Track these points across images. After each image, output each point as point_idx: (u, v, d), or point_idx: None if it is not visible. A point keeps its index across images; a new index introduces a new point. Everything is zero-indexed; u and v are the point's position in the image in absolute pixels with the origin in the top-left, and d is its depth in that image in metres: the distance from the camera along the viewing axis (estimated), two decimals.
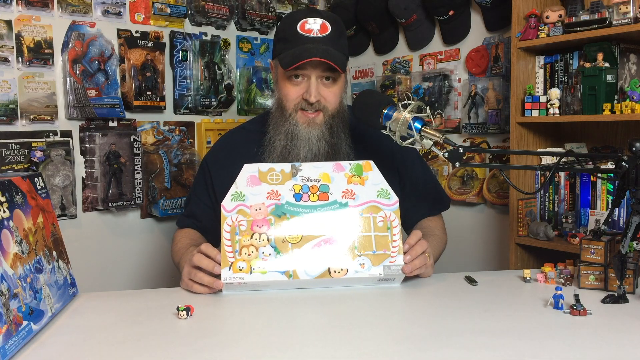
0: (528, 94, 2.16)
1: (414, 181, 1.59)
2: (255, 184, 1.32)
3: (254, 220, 1.29)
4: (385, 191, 1.34)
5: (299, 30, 1.43)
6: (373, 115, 1.34)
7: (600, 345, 0.97)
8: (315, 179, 1.34)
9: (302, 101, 1.46)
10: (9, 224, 1.00)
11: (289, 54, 1.43)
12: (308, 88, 1.44)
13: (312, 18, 1.44)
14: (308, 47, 1.41)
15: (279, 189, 1.32)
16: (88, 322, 1.12)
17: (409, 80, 2.83)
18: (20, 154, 2.21)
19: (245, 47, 2.90)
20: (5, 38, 2.16)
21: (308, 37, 1.43)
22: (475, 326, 1.06)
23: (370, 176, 1.35)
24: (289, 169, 1.34)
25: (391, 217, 1.32)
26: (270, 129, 1.53)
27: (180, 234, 1.60)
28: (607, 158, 1.55)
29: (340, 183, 1.34)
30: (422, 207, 1.61)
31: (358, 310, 1.17)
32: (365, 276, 1.27)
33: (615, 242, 1.29)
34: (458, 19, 2.59)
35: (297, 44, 1.42)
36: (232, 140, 1.66)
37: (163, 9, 2.53)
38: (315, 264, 1.27)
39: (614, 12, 1.88)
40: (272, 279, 1.26)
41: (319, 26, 1.44)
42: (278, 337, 1.02)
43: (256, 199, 1.31)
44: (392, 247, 1.30)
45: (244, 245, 1.27)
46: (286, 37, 1.46)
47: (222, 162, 1.59)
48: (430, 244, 1.47)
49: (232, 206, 1.30)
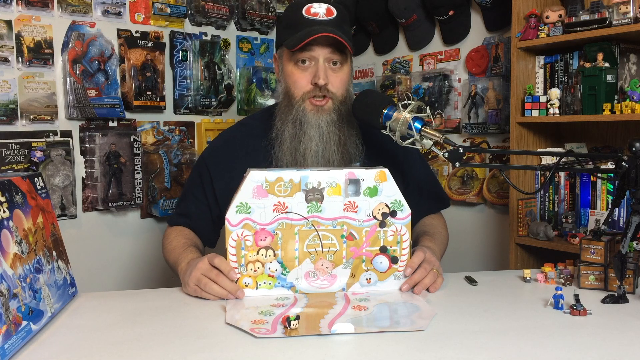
0: (528, 94, 2.16)
1: (417, 179, 1.59)
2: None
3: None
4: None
5: (304, 14, 1.41)
6: (373, 115, 1.34)
7: (600, 345, 0.97)
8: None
9: (311, 89, 1.44)
10: (8, 224, 1.00)
11: (295, 37, 1.41)
12: (316, 72, 1.42)
13: (317, 3, 1.43)
14: (315, 28, 1.39)
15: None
16: (88, 322, 1.11)
17: (409, 80, 2.83)
18: (20, 154, 2.21)
19: (245, 47, 2.90)
20: (5, 38, 2.17)
21: (314, 20, 1.41)
22: (475, 326, 1.06)
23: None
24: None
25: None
26: (277, 120, 1.49)
27: (173, 232, 1.55)
28: (607, 158, 1.55)
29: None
30: (424, 205, 1.61)
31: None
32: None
33: (615, 242, 1.29)
34: (458, 19, 2.59)
35: (303, 27, 1.41)
36: (232, 137, 1.60)
37: (163, 9, 2.53)
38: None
39: (614, 12, 1.88)
40: (278, 294, 1.25)
41: (324, 10, 1.43)
42: (279, 337, 1.02)
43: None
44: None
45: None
46: (291, 24, 1.44)
47: (222, 160, 1.55)
48: (437, 241, 1.48)
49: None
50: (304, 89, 1.44)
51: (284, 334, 1.02)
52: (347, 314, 1.12)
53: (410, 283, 1.27)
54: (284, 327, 1.03)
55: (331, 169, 1.26)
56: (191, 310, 1.18)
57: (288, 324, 1.03)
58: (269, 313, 1.13)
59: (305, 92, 1.44)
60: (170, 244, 1.51)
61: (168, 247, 1.51)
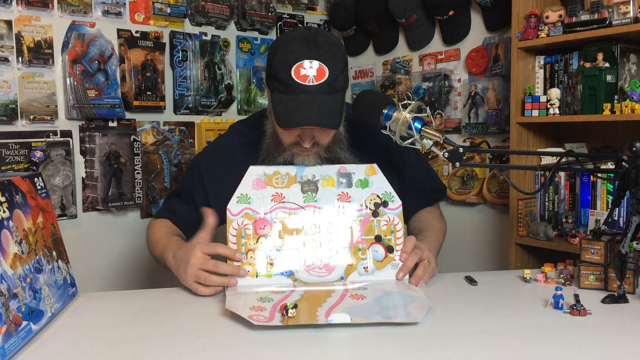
0: (528, 94, 2.15)
1: (411, 174, 1.60)
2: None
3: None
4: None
5: (294, 76, 1.29)
6: (373, 115, 1.34)
7: (600, 345, 0.97)
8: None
9: (297, 141, 1.38)
10: (8, 224, 1.00)
11: (282, 107, 1.32)
12: (302, 134, 1.36)
13: (309, 60, 1.30)
14: (303, 99, 1.30)
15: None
16: (88, 322, 1.12)
17: (409, 80, 2.83)
18: (20, 154, 2.21)
19: (245, 47, 2.90)
20: (5, 38, 2.16)
21: (302, 87, 1.29)
22: (475, 326, 1.06)
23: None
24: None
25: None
26: (264, 151, 1.46)
27: (157, 224, 1.53)
28: (607, 158, 1.55)
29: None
30: (419, 198, 1.61)
31: None
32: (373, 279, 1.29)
33: (615, 242, 1.29)
34: (458, 19, 2.59)
35: (291, 92, 1.31)
36: (227, 143, 1.59)
37: (163, 9, 2.53)
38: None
39: (614, 12, 1.88)
40: (277, 282, 1.26)
41: (315, 71, 1.30)
42: (278, 336, 1.02)
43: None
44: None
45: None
46: (280, 78, 1.32)
47: (215, 168, 1.54)
48: (430, 238, 1.49)
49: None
50: (289, 141, 1.39)
51: (282, 322, 1.04)
52: (345, 302, 1.15)
53: (405, 270, 1.30)
54: (282, 315, 1.05)
55: (324, 165, 1.38)
56: (191, 310, 1.18)
57: (286, 312, 1.05)
58: (268, 299, 1.16)
59: (291, 144, 1.39)
60: (154, 235, 1.49)
61: (152, 238, 1.49)
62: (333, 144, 1.43)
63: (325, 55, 1.31)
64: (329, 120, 1.31)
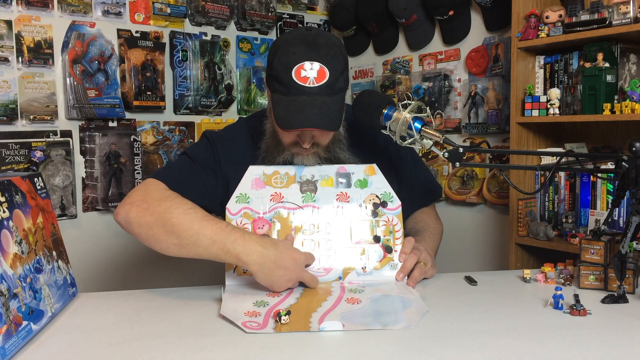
0: (528, 94, 2.15)
1: (407, 174, 1.60)
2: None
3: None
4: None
5: (294, 78, 1.29)
6: (373, 116, 1.34)
7: (600, 345, 0.97)
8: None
9: (297, 141, 1.37)
10: (8, 224, 1.00)
11: (282, 108, 1.31)
12: (301, 134, 1.35)
13: (309, 62, 1.29)
14: (303, 101, 1.29)
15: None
16: (88, 322, 1.12)
17: (409, 80, 2.83)
18: (20, 154, 2.21)
19: (245, 47, 2.90)
20: (5, 38, 2.17)
21: (303, 88, 1.29)
22: (475, 326, 1.06)
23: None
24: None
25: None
26: (263, 150, 1.45)
27: (178, 198, 1.31)
28: (607, 158, 1.55)
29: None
30: (416, 199, 1.61)
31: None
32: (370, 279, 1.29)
33: (615, 242, 1.29)
34: (458, 19, 2.59)
35: (291, 93, 1.30)
36: (238, 133, 1.53)
37: (163, 9, 2.53)
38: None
39: (614, 12, 1.88)
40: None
41: (315, 73, 1.29)
42: (277, 336, 1.02)
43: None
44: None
45: None
46: (280, 79, 1.31)
47: (228, 147, 1.47)
48: (428, 239, 1.49)
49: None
50: (289, 142, 1.38)
51: (274, 329, 1.03)
52: (340, 307, 1.13)
53: (404, 271, 1.31)
54: (275, 322, 1.05)
55: (323, 165, 1.38)
56: (191, 310, 1.18)
57: (279, 319, 1.05)
58: (263, 304, 1.15)
59: (290, 144, 1.39)
60: (175, 218, 1.25)
61: (173, 221, 1.25)
62: (333, 144, 1.43)
63: (326, 56, 1.31)
64: (329, 122, 1.31)
